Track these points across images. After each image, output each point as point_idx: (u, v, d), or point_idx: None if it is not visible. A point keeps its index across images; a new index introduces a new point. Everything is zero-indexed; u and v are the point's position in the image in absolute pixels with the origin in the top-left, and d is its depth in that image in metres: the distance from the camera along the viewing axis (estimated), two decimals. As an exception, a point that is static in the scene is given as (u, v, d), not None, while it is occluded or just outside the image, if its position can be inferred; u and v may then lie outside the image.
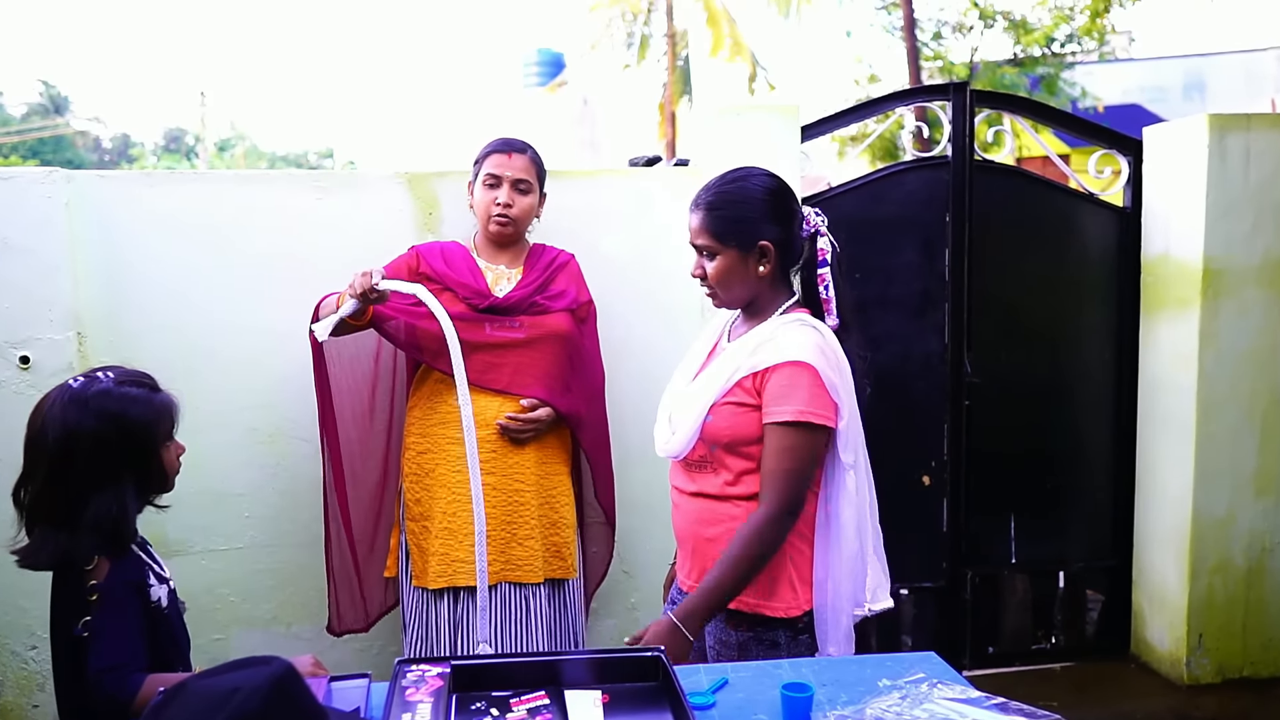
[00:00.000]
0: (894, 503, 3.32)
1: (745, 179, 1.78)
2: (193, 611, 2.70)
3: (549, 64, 27.89)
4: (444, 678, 1.44)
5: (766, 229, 1.75)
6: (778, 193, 1.78)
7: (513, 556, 2.33)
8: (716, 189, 1.78)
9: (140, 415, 1.54)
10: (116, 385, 1.54)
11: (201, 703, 1.04)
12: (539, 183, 2.44)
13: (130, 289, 2.61)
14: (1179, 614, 3.27)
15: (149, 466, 1.57)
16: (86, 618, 1.46)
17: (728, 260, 1.76)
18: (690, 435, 1.77)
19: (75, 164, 25.47)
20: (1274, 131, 3.15)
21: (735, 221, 1.74)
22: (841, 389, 1.72)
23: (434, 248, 2.47)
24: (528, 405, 2.33)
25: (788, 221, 1.78)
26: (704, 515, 1.79)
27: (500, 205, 2.36)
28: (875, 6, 14.45)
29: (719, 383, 1.75)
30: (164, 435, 1.59)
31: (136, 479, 1.55)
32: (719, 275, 1.77)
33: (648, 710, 1.44)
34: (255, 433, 2.70)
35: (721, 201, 1.76)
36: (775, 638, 1.73)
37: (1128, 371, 3.44)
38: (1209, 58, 17.81)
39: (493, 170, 2.37)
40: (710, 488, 1.78)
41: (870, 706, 1.43)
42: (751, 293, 1.80)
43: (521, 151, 2.40)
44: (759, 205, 1.75)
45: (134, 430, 1.53)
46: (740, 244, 1.75)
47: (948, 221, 3.27)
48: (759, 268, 1.76)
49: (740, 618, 1.73)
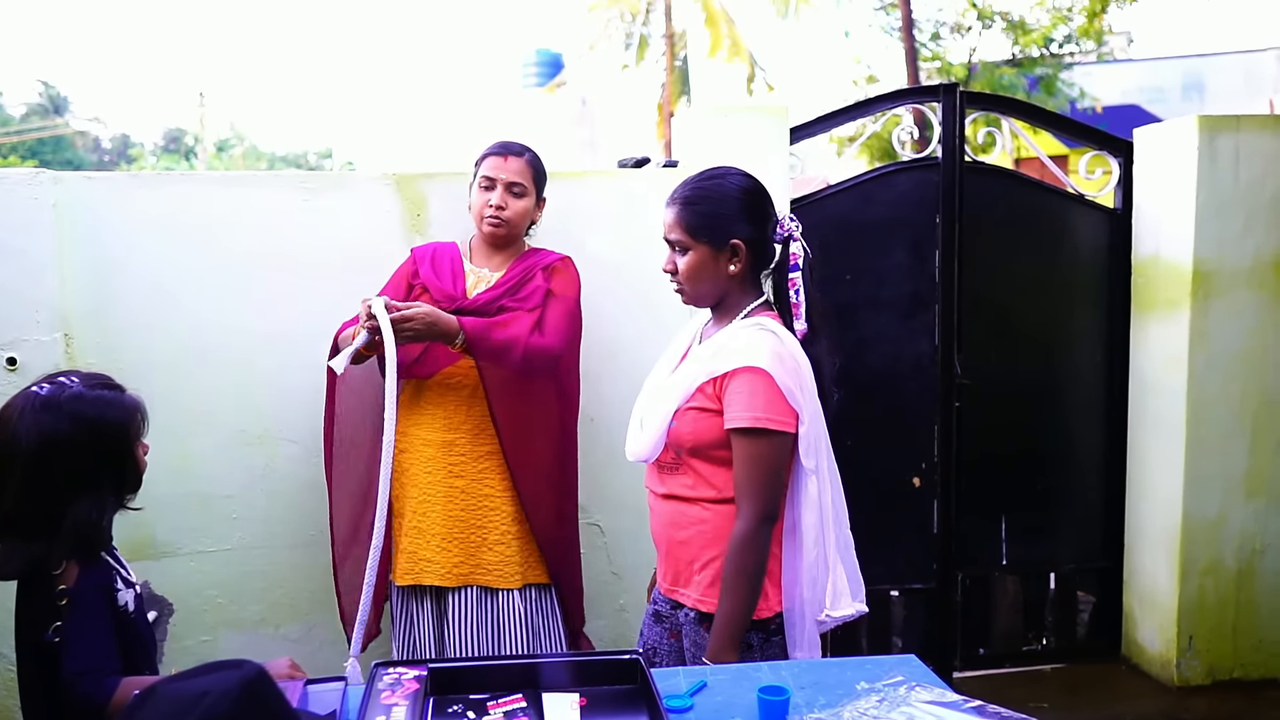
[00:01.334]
0: (885, 504, 3.36)
1: (723, 177, 1.79)
2: (181, 613, 2.74)
3: (548, 64, 27.89)
4: (421, 681, 1.44)
5: (740, 228, 1.76)
6: (753, 193, 1.79)
7: (483, 560, 2.32)
8: (693, 185, 1.79)
9: (115, 418, 1.54)
10: (88, 389, 1.54)
11: (170, 706, 1.04)
12: (536, 187, 2.43)
13: (118, 290, 2.61)
14: (1169, 615, 3.27)
15: (125, 469, 1.57)
16: (57, 623, 1.45)
17: (699, 256, 1.77)
18: (656, 439, 1.79)
19: (75, 164, 25.51)
20: (1264, 132, 3.16)
21: (709, 218, 1.75)
22: (800, 394, 1.71)
23: (427, 250, 2.48)
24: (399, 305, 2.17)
25: (761, 223, 1.78)
26: (676, 518, 1.80)
27: (493, 207, 2.36)
28: (874, 7, 14.47)
29: (683, 387, 1.77)
30: (136, 435, 1.59)
31: (113, 482, 1.55)
32: (689, 271, 1.78)
33: (625, 713, 1.44)
34: (244, 434, 2.70)
35: (697, 197, 1.77)
36: (748, 639, 1.74)
37: (1118, 373, 3.44)
38: (1208, 58, 17.79)
39: (488, 173, 2.38)
40: (680, 490, 1.79)
41: (847, 710, 1.43)
42: (720, 291, 1.80)
43: (519, 155, 2.40)
44: (734, 203, 1.76)
45: (110, 433, 1.53)
46: (712, 241, 1.76)
47: (938, 223, 3.27)
48: (729, 266, 1.77)
49: (713, 619, 1.73)
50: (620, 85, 19.89)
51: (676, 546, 1.80)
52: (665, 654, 1.86)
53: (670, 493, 1.81)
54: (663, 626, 1.88)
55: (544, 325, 2.32)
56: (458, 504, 2.32)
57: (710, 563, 1.75)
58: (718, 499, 1.75)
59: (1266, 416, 3.23)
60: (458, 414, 2.33)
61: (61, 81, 57.61)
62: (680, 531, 1.79)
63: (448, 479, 2.32)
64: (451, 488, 2.32)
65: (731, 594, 1.69)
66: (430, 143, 45.53)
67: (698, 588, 1.77)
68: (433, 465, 2.33)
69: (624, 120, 21.39)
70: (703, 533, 1.75)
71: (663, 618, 1.87)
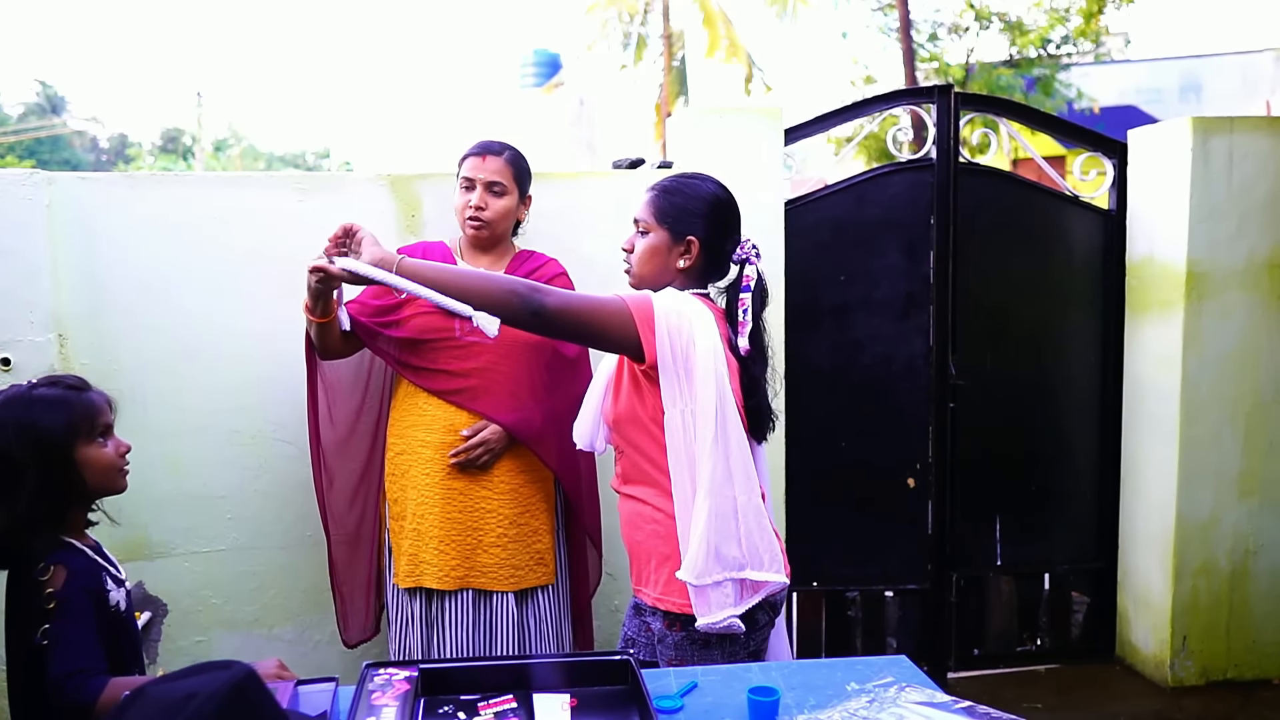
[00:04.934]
0: (879, 505, 3.37)
1: (701, 179, 1.89)
2: (174, 614, 2.74)
3: (545, 64, 27.81)
4: (411, 681, 1.44)
5: (699, 226, 1.83)
6: (723, 203, 1.87)
7: (477, 563, 2.32)
8: (672, 178, 1.89)
9: (47, 421, 1.52)
10: (29, 390, 1.54)
11: (158, 708, 1.04)
12: (518, 185, 2.42)
13: (112, 291, 2.61)
14: (1163, 616, 3.27)
15: (64, 470, 1.53)
16: (45, 626, 1.45)
17: (655, 240, 1.85)
18: (592, 420, 1.93)
19: (72, 164, 25.47)
20: (1258, 134, 3.16)
21: (675, 208, 1.84)
22: (674, 334, 1.69)
23: (416, 249, 2.47)
24: (468, 434, 2.31)
25: (722, 231, 1.86)
26: (632, 518, 1.86)
27: (473, 208, 2.36)
28: (871, 8, 14.44)
29: (608, 365, 1.88)
30: (77, 435, 1.55)
31: (41, 484, 1.51)
32: (641, 251, 1.86)
33: (615, 714, 1.45)
34: (237, 434, 2.70)
35: (671, 188, 1.86)
36: (756, 618, 1.76)
37: (1112, 374, 3.45)
38: (1205, 59, 17.78)
39: (467, 173, 2.38)
40: (629, 487, 1.86)
41: (837, 710, 1.44)
42: (663, 281, 1.86)
43: (497, 154, 2.38)
44: (701, 204, 1.85)
45: (37, 436, 1.51)
46: (672, 230, 1.84)
47: (932, 224, 3.28)
48: (680, 260, 1.84)
49: (673, 618, 1.77)
50: (618, 85, 19.85)
51: (635, 546, 1.86)
52: (643, 646, 1.91)
53: (624, 490, 1.88)
54: (641, 619, 1.93)
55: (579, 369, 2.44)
56: (455, 506, 2.32)
57: (664, 561, 1.78)
58: (658, 488, 1.77)
59: (1259, 417, 3.23)
60: (458, 415, 2.33)
61: (59, 81, 57.47)
62: (636, 532, 1.85)
63: (445, 481, 2.32)
64: (449, 490, 2.32)
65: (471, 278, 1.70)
66: (428, 143, 45.51)
67: (655, 586, 1.80)
68: (431, 467, 2.32)
69: (622, 120, 21.36)
70: (656, 532, 1.80)
71: (641, 610, 1.92)
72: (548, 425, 2.38)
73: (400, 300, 2.29)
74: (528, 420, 2.35)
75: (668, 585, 1.76)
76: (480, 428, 2.31)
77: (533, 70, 28.13)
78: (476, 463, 2.31)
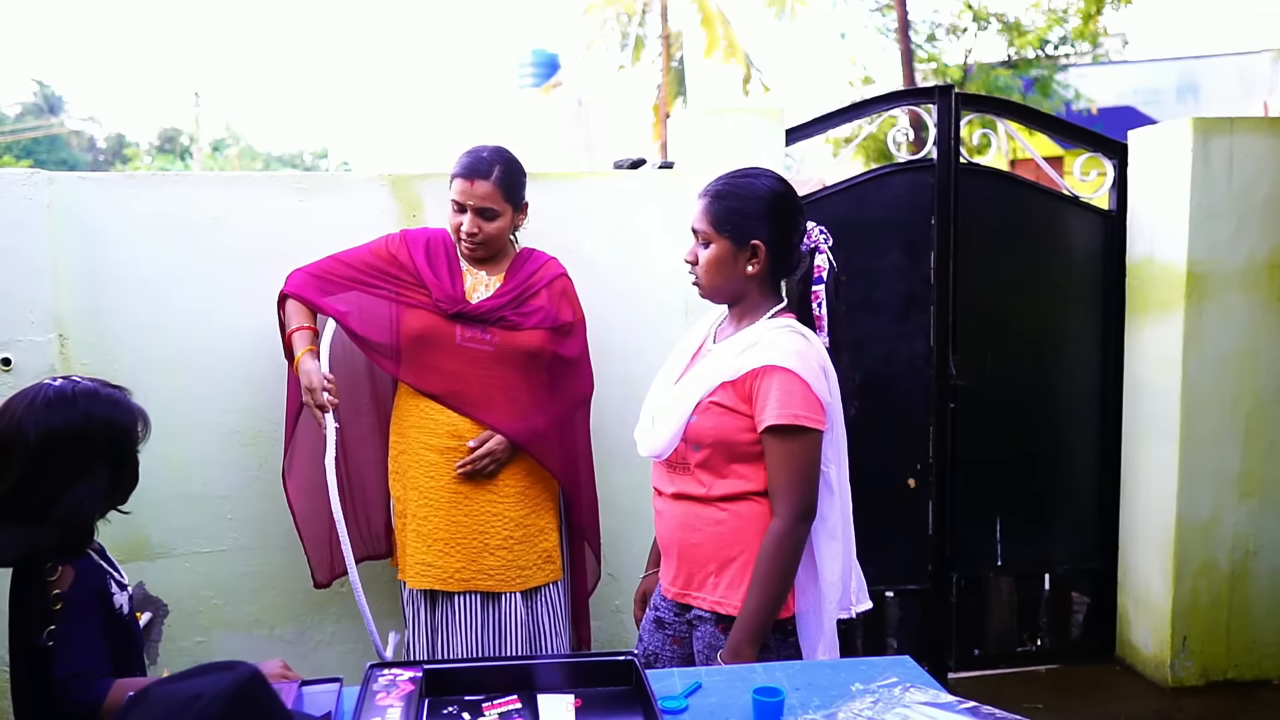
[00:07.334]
0: (879, 505, 3.35)
1: (755, 176, 1.80)
2: (175, 614, 2.74)
3: (544, 65, 27.82)
4: (415, 682, 1.44)
5: (762, 228, 1.76)
6: (781, 197, 1.79)
7: (483, 565, 2.32)
8: (725, 180, 1.80)
9: (123, 419, 1.56)
10: (101, 387, 1.56)
11: (163, 709, 1.03)
12: (510, 202, 2.34)
13: (112, 291, 2.61)
14: (1163, 616, 3.27)
15: (124, 470, 1.58)
16: (51, 627, 1.45)
17: (719, 251, 1.78)
18: (673, 435, 1.77)
19: (70, 164, 25.42)
20: (1258, 135, 3.17)
21: (733, 214, 1.76)
22: (828, 394, 1.73)
23: (420, 237, 2.42)
24: (474, 445, 2.31)
25: (786, 228, 1.79)
26: (688, 520, 1.78)
27: (466, 234, 2.32)
28: (870, 8, 14.46)
29: (703, 383, 1.76)
30: (138, 440, 1.60)
31: (110, 481, 1.55)
32: (708, 264, 1.79)
33: (620, 714, 1.44)
34: (238, 434, 2.70)
35: (725, 192, 1.78)
36: (765, 640, 1.73)
37: (1112, 374, 3.45)
38: (1203, 60, 17.80)
39: (456, 196, 2.31)
40: (693, 490, 1.78)
41: (842, 711, 1.43)
42: (735, 290, 1.80)
43: (485, 177, 2.27)
44: (759, 203, 1.76)
45: (116, 432, 1.55)
46: (734, 237, 1.77)
47: (933, 224, 3.28)
48: (748, 266, 1.77)
49: (730, 622, 1.73)
50: (616, 86, 19.85)
51: (689, 549, 1.78)
52: (667, 661, 1.84)
53: (681, 492, 1.79)
54: (665, 633, 1.86)
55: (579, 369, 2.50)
56: (461, 509, 2.31)
57: (729, 563, 1.74)
58: (734, 496, 1.74)
59: (1259, 418, 3.24)
60: (463, 421, 2.32)
61: (57, 81, 57.35)
62: (693, 535, 1.77)
63: (451, 484, 2.31)
64: (455, 493, 2.31)
65: (762, 591, 1.68)
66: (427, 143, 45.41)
67: (715, 590, 1.75)
68: (435, 470, 2.32)
69: (620, 121, 21.35)
70: (720, 534, 1.74)
71: (665, 624, 1.86)
72: (551, 431, 2.39)
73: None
74: (532, 428, 2.35)
75: (730, 588, 1.74)
76: (486, 438, 2.31)
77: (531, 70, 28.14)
78: (483, 473, 2.31)
